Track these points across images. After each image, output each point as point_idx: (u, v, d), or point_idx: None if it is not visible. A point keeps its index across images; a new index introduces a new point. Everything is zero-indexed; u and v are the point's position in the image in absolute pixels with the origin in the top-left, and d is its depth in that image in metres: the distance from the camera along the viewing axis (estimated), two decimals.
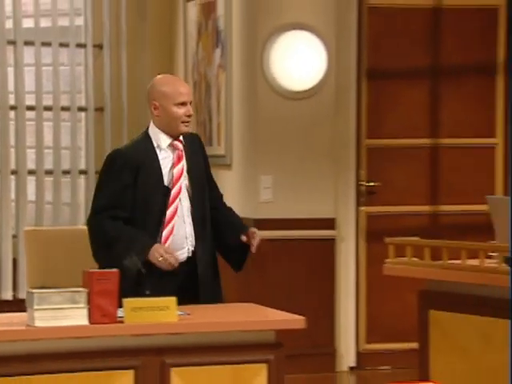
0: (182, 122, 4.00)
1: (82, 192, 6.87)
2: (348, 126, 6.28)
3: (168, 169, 4.01)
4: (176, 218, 4.03)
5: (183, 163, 4.02)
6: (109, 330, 3.52)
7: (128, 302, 3.61)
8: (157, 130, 4.03)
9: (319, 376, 5.98)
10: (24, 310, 3.53)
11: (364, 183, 6.35)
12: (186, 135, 4.06)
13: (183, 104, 3.99)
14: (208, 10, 6.50)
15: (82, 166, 6.88)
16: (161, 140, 4.03)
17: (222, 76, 6.35)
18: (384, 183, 6.36)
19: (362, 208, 6.35)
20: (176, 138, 4.02)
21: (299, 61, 6.12)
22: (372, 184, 6.36)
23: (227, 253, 4.20)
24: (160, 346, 3.61)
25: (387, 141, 6.40)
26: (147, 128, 4.08)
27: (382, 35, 6.33)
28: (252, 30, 6.15)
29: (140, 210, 4.00)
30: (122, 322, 3.55)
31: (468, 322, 4.12)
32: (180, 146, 4.03)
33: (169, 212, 4.01)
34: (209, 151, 6.61)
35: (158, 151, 4.01)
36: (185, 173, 4.02)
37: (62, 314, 3.47)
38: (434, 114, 6.42)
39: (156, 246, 3.97)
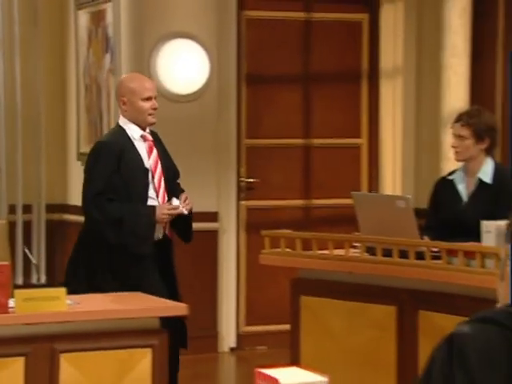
0: (149, 115, 4.20)
1: None
2: (229, 127, 6.29)
3: (145, 156, 4.20)
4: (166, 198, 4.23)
5: (156, 152, 4.24)
6: (0, 319, 3.45)
7: (19, 293, 3.55)
8: (128, 123, 4.20)
9: (203, 356, 5.97)
10: None
11: (244, 179, 6.37)
12: (149, 131, 4.26)
13: (149, 98, 4.18)
14: (98, 17, 6.41)
15: None
16: (133, 131, 4.21)
17: (112, 80, 6.27)
18: (262, 179, 6.39)
19: (242, 202, 6.37)
20: (144, 130, 4.22)
21: (183, 67, 6.10)
22: (251, 180, 6.38)
23: (175, 226, 4.30)
24: (50, 333, 3.56)
25: (264, 141, 6.43)
26: (117, 122, 4.28)
27: (259, 44, 6.36)
28: (139, 37, 6.09)
29: (125, 189, 4.14)
30: (13, 311, 3.48)
31: (334, 306, 4.17)
32: (150, 137, 4.24)
33: (160, 195, 4.22)
34: None
35: (133, 141, 4.19)
36: (159, 161, 4.23)
37: None
38: (307, 117, 6.48)
39: (159, 206, 4.17)
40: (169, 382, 3.86)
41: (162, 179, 4.24)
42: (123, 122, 4.23)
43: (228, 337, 6.28)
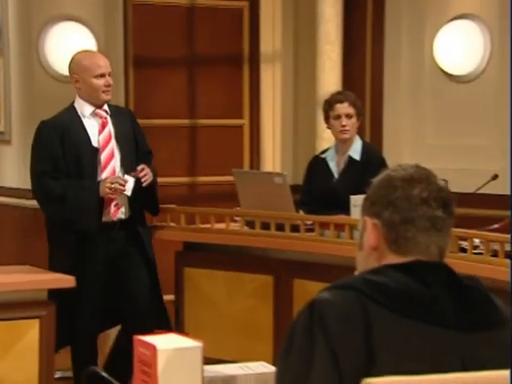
0: (103, 92, 3.95)
1: None
2: None
3: (95, 134, 3.91)
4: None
5: (109, 129, 3.94)
6: None
7: None
8: (81, 100, 3.98)
9: None
10: None
11: None
12: (114, 108, 4.05)
13: (102, 75, 3.94)
14: None
15: None
16: (84, 109, 3.96)
17: (0, 61, 6.09)
18: None
19: None
20: (100, 107, 3.96)
21: (71, 48, 5.96)
22: None
23: (142, 201, 4.05)
24: None
25: (152, 121, 6.37)
26: (73, 101, 4.03)
27: (145, 29, 6.29)
28: (27, 19, 5.93)
29: (73, 169, 3.88)
30: None
31: (216, 276, 4.20)
32: (103, 114, 3.95)
33: (106, 173, 3.91)
34: None
35: (82, 118, 3.92)
36: (113, 138, 3.93)
37: None
38: (192, 98, 6.46)
39: (102, 180, 3.89)
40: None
41: (114, 159, 3.93)
42: (77, 101, 4.02)
43: None
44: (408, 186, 1.66)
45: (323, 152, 4.59)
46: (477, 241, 3.25)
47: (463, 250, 3.30)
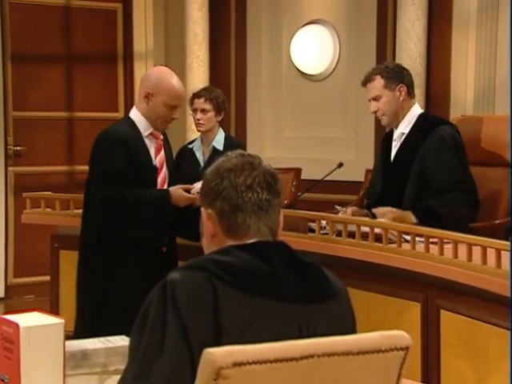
0: (165, 122, 3.24)
1: None
2: None
3: (153, 153, 3.26)
4: None
5: (163, 153, 3.32)
6: None
7: None
8: (140, 116, 3.25)
9: None
10: None
11: (11, 147, 6.10)
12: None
13: (174, 107, 3.21)
14: None
15: None
16: (143, 126, 3.23)
17: None
18: (29, 148, 6.16)
19: (10, 168, 6.10)
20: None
21: None
22: (18, 148, 6.12)
23: (183, 229, 3.30)
24: None
25: (31, 113, 6.19)
26: (128, 114, 3.32)
27: (22, 26, 6.09)
28: None
29: (133, 184, 3.15)
30: None
31: None
32: (160, 135, 3.31)
33: None
34: None
35: (142, 135, 3.23)
36: (165, 162, 3.32)
37: None
38: (69, 93, 6.31)
39: (172, 189, 3.23)
40: None
41: (167, 182, 3.32)
42: (135, 115, 3.27)
43: None
44: (233, 175, 1.67)
45: (190, 143, 4.58)
46: (324, 222, 3.31)
47: (312, 231, 3.35)
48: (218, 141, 4.39)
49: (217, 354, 1.35)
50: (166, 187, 3.28)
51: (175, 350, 1.51)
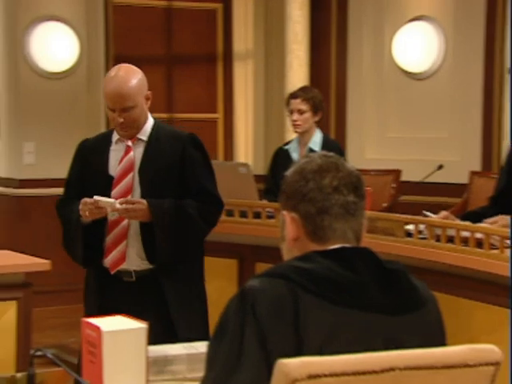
0: (117, 126, 2.92)
1: None
2: (98, 103, 6.14)
3: (116, 161, 2.94)
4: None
5: (131, 158, 2.92)
6: None
7: None
8: None
9: (78, 306, 5.85)
10: None
11: None
12: (169, 132, 2.97)
13: (113, 110, 2.88)
14: None
15: None
16: (115, 133, 3.01)
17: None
18: None
19: None
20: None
21: (55, 47, 5.91)
22: None
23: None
24: None
25: None
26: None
27: (125, 28, 6.22)
28: (13, 19, 5.85)
29: (86, 193, 2.92)
30: None
31: None
32: (128, 141, 2.94)
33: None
34: None
35: (112, 143, 2.96)
36: (135, 169, 2.91)
37: None
38: (169, 94, 6.41)
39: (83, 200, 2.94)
40: None
41: (133, 193, 2.92)
42: None
43: None
44: (319, 176, 1.62)
45: (287, 144, 4.55)
46: (422, 226, 3.22)
47: (409, 235, 3.27)
48: (315, 142, 4.35)
49: (291, 366, 1.31)
50: (128, 193, 2.93)
51: (254, 361, 1.47)
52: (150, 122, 3.00)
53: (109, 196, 2.89)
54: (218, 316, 1.56)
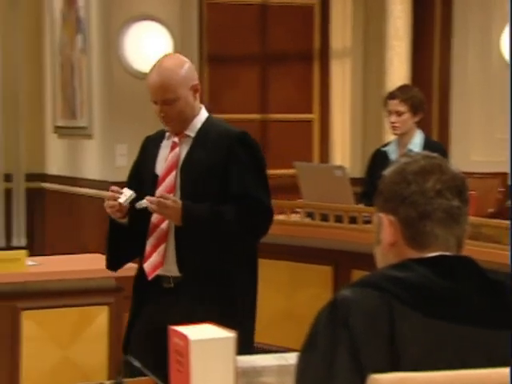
0: (161, 119, 2.80)
1: None
2: None
3: (163, 158, 2.80)
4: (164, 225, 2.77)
5: (176, 155, 2.78)
6: None
7: None
8: None
9: None
10: None
11: None
12: (221, 130, 2.81)
13: (154, 102, 2.77)
14: (70, 1, 6.29)
15: None
16: None
17: (84, 59, 6.17)
18: None
19: None
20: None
21: (148, 46, 6.01)
22: None
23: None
24: (11, 292, 3.50)
25: (225, 115, 6.34)
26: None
27: (219, 26, 6.28)
28: (108, 19, 5.99)
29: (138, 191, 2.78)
30: None
31: (277, 266, 4.14)
32: (175, 137, 2.80)
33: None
34: (73, 124, 6.57)
35: (164, 140, 2.83)
36: (177, 168, 2.78)
37: None
38: (263, 94, 6.43)
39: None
40: None
41: (175, 193, 2.77)
42: None
43: None
44: (421, 179, 1.56)
45: (385, 145, 4.49)
46: None
47: None
48: (415, 143, 4.27)
49: (384, 381, 1.28)
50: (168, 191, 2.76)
51: (346, 375, 1.44)
52: (202, 117, 2.80)
53: (153, 195, 2.72)
54: (309, 326, 1.54)
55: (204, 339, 1.80)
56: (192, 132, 2.78)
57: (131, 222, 2.78)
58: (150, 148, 2.86)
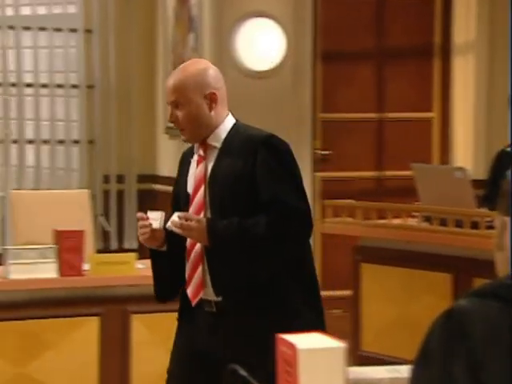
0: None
1: (76, 159, 6.81)
2: (304, 102, 6.22)
3: (193, 174, 2.70)
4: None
5: (203, 169, 2.67)
6: (75, 281, 3.51)
7: (93, 257, 3.59)
8: None
9: None
10: None
11: (318, 152, 6.30)
12: (245, 137, 2.68)
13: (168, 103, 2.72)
14: None
15: (75, 137, 6.82)
16: None
17: (195, 58, 6.27)
18: (336, 152, 6.31)
19: (317, 173, 6.31)
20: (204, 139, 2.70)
21: (261, 44, 6.06)
22: (326, 152, 6.31)
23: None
24: (122, 295, 3.59)
25: (339, 115, 6.35)
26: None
27: (334, 22, 6.26)
28: (220, 17, 6.07)
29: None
30: (87, 274, 3.53)
31: (393, 273, 4.10)
32: (200, 150, 2.70)
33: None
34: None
35: (195, 154, 2.74)
36: (205, 182, 2.67)
37: (34, 268, 3.45)
38: (380, 91, 6.36)
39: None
40: None
41: (205, 209, 2.65)
42: None
43: None
44: None
45: (511, 145, 4.37)
46: None
47: None
48: None
49: None
50: (201, 215, 2.63)
51: None
52: (227, 125, 2.70)
53: None
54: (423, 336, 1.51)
55: (313, 348, 1.79)
56: (217, 142, 2.68)
57: (170, 247, 2.68)
58: (183, 164, 2.77)
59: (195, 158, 2.70)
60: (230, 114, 2.74)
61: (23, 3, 6.66)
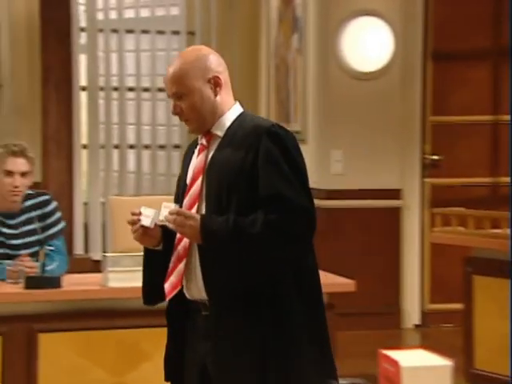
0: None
1: (177, 164, 6.90)
2: (414, 104, 6.14)
3: (193, 164, 2.62)
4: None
5: (203, 159, 2.57)
6: None
7: None
8: None
9: (385, 332, 5.90)
10: None
11: (428, 157, 6.20)
12: (251, 127, 2.52)
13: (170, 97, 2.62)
14: None
15: (176, 141, 6.91)
16: None
17: (299, 59, 6.28)
18: (447, 157, 6.20)
19: (427, 180, 6.21)
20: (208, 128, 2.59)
21: (368, 44, 6.01)
22: (436, 157, 6.20)
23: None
24: None
25: (450, 117, 6.23)
26: None
27: (445, 19, 6.14)
28: (325, 16, 6.06)
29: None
30: None
31: (507, 286, 3.98)
32: (202, 139, 2.60)
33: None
34: (287, 128, 6.61)
35: (198, 144, 2.65)
36: (203, 173, 2.57)
37: (133, 276, 3.48)
38: (496, 93, 6.21)
39: None
40: None
41: (200, 202, 2.53)
42: None
43: (412, 313, 6.15)
44: None
45: None
46: None
47: None
48: None
49: None
50: (195, 208, 2.50)
51: None
52: (233, 114, 2.56)
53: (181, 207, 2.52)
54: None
55: (417, 366, 1.76)
56: (221, 131, 2.55)
57: (167, 246, 2.54)
58: (187, 156, 2.67)
59: (198, 147, 2.61)
60: (237, 103, 2.60)
61: (127, 6, 6.80)
